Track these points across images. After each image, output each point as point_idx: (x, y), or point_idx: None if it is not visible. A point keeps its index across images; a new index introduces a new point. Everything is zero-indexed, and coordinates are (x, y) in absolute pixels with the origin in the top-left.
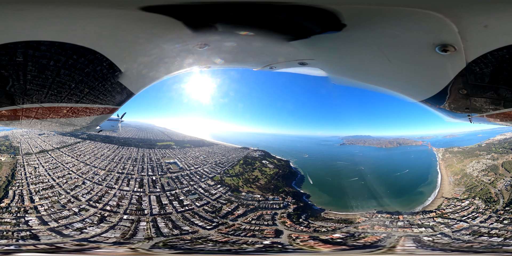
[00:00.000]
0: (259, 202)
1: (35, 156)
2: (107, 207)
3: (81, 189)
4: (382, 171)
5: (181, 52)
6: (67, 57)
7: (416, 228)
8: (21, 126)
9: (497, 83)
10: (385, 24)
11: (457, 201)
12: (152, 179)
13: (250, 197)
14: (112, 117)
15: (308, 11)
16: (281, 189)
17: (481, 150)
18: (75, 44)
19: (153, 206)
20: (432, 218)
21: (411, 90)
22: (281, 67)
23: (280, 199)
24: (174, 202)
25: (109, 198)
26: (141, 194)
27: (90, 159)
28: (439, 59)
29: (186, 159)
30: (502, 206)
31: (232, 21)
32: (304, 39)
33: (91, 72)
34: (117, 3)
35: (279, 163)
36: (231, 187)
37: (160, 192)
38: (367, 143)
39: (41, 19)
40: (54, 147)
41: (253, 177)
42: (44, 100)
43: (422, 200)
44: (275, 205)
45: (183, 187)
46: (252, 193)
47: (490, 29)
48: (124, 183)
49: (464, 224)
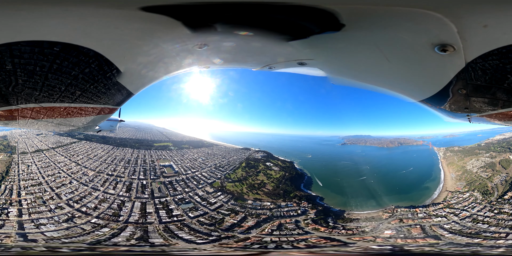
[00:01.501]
0: (271, 210)
1: (30, 155)
2: (83, 209)
3: (66, 188)
4: (388, 170)
5: (181, 52)
6: (66, 57)
7: (435, 218)
8: (20, 126)
9: (496, 83)
10: (384, 24)
11: (459, 194)
12: (142, 184)
13: (258, 206)
14: (112, 118)
15: (307, 11)
16: (292, 193)
17: (481, 149)
18: (74, 44)
19: (133, 213)
20: (441, 208)
21: (410, 90)
22: (280, 67)
23: (294, 205)
24: (161, 211)
25: (89, 199)
26: (124, 199)
27: (82, 159)
28: (438, 59)
29: (183, 161)
30: (495, 198)
31: (231, 21)
32: (303, 39)
33: (90, 72)
34: (116, 3)
35: (284, 165)
36: (233, 195)
37: (148, 199)
38: (368, 143)
39: (39, 19)
40: (50, 147)
41: (259, 182)
42: (42, 100)
43: (429, 194)
44: (291, 212)
45: (176, 194)
46: (260, 200)
47: (490, 28)
48: (111, 185)
49: (467, 213)
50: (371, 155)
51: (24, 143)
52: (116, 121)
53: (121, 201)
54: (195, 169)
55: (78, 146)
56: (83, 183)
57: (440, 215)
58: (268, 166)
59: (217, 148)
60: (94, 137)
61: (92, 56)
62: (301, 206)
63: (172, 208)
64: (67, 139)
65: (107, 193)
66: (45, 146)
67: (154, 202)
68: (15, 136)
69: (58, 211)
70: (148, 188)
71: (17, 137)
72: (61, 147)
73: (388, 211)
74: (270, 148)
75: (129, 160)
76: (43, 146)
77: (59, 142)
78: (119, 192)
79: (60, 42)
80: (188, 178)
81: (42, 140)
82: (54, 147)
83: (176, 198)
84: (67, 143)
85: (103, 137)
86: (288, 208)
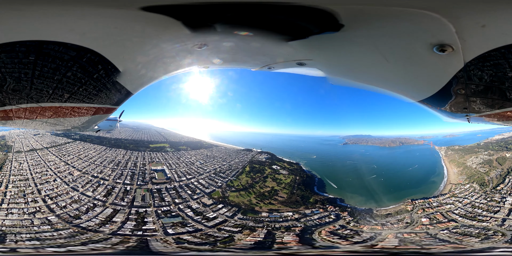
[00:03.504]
0: (299, 220)
1: (24, 153)
2: (53, 206)
3: (47, 185)
4: (395, 168)
5: (180, 52)
6: (65, 57)
7: (448, 205)
8: (18, 126)
9: (495, 83)
10: (382, 24)
11: (461, 185)
12: (125, 189)
13: (279, 217)
14: (111, 117)
15: (307, 11)
16: (311, 198)
17: (480, 148)
18: (73, 44)
19: (94, 219)
20: (448, 197)
21: (409, 90)
22: (279, 68)
23: (321, 211)
24: (129, 222)
25: (63, 198)
26: (98, 203)
27: (72, 159)
28: (437, 59)
29: (178, 165)
30: (490, 189)
31: (231, 21)
32: (302, 40)
33: (89, 72)
34: (116, 2)
35: (291, 168)
36: (240, 207)
37: (124, 207)
38: (370, 143)
39: (37, 18)
40: (44, 146)
41: (269, 190)
42: (41, 100)
43: (437, 187)
44: (325, 219)
45: (162, 205)
46: (278, 211)
47: (488, 29)
48: (91, 188)
49: (467, 200)
50: (375, 155)
51: (20, 142)
52: (115, 121)
53: (93, 205)
54: (191, 175)
55: (72, 146)
56: (66, 182)
57: (449, 203)
58: (275, 169)
59: (216, 149)
60: (89, 137)
61: (90, 55)
62: (329, 210)
63: (147, 221)
64: (63, 139)
65: (84, 194)
66: (39, 146)
67: (130, 211)
68: (13, 136)
69: (31, 204)
70: (131, 195)
71: (15, 137)
72: (54, 147)
73: (408, 203)
74: (272, 148)
75: (119, 162)
76: (37, 146)
77: (54, 142)
78: (96, 195)
79: (58, 42)
80: (181, 186)
81: (38, 140)
82: (48, 146)
83: (160, 210)
84: (61, 143)
85: (98, 138)
86: (317, 215)
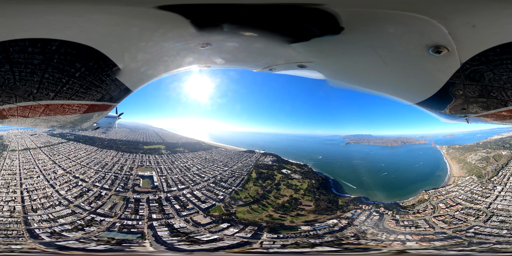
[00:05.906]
0: (352, 224)
1: (17, 152)
2: (26, 198)
3: (30, 180)
4: (402, 165)
5: (182, 51)
6: (65, 54)
7: (453, 192)
8: (15, 124)
9: (492, 83)
10: (380, 27)
11: (462, 178)
12: (99, 194)
13: (329, 226)
14: (110, 114)
15: (312, 13)
16: (340, 201)
17: (479, 147)
18: (73, 42)
19: (52, 214)
20: (453, 187)
21: (407, 92)
22: (281, 69)
23: (360, 211)
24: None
25: (36, 193)
26: (63, 202)
27: (60, 159)
28: (433, 60)
29: (171, 171)
30: (485, 180)
31: (239, 21)
32: (304, 42)
33: (88, 69)
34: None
35: (302, 170)
36: (259, 225)
37: (84, 212)
38: (371, 142)
39: (37, 17)
40: (37, 146)
41: (287, 199)
42: (40, 97)
43: (442, 179)
44: (371, 218)
45: (130, 219)
46: (317, 220)
47: (479, 29)
48: (67, 187)
49: (468, 188)
50: (380, 154)
51: (16, 142)
52: (115, 118)
53: (58, 203)
54: (185, 184)
55: (64, 146)
56: (47, 179)
57: (454, 191)
58: (285, 174)
59: (216, 151)
60: (83, 138)
61: (90, 53)
62: (367, 209)
63: (92, 230)
64: (57, 139)
65: (57, 192)
66: (33, 145)
67: (84, 217)
68: (11, 136)
69: (10, 194)
70: (102, 200)
71: (12, 137)
72: (48, 146)
73: (424, 193)
74: (275, 149)
75: (105, 165)
76: (32, 145)
77: (48, 142)
78: (65, 195)
79: (57, 39)
80: (168, 198)
81: (33, 140)
82: (42, 146)
83: (123, 223)
84: (55, 143)
85: (92, 138)
86: (361, 217)
